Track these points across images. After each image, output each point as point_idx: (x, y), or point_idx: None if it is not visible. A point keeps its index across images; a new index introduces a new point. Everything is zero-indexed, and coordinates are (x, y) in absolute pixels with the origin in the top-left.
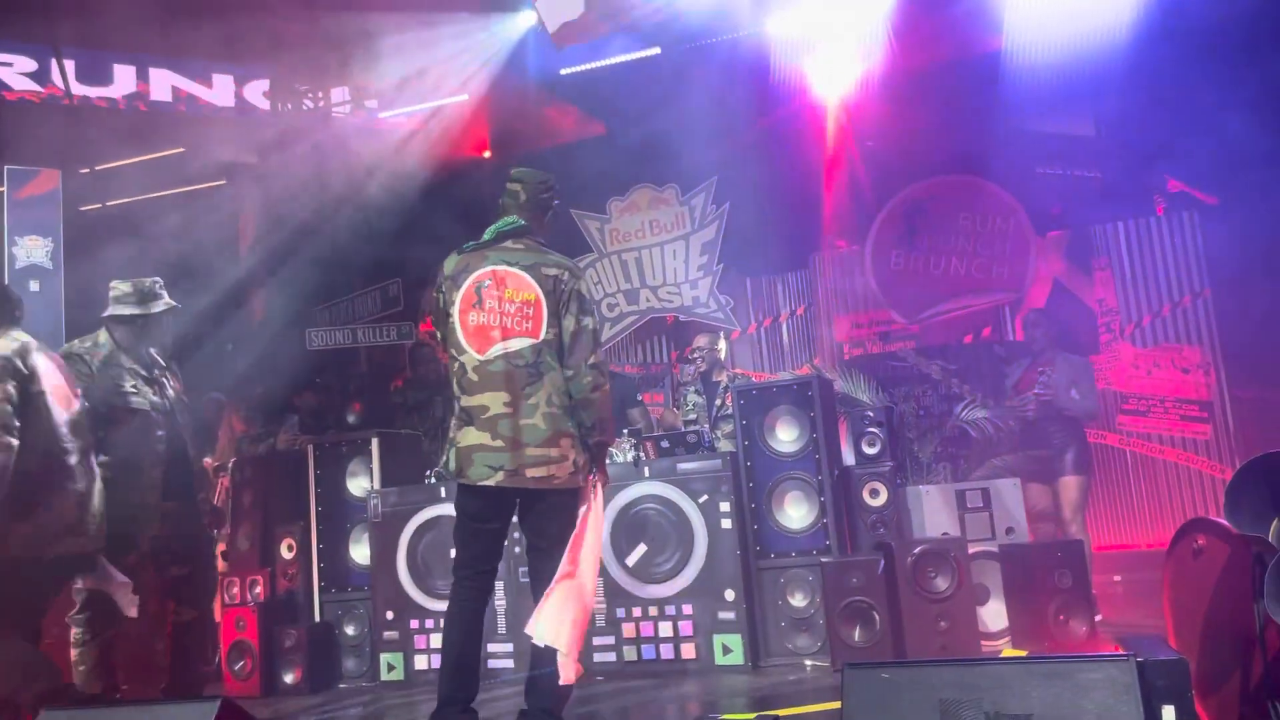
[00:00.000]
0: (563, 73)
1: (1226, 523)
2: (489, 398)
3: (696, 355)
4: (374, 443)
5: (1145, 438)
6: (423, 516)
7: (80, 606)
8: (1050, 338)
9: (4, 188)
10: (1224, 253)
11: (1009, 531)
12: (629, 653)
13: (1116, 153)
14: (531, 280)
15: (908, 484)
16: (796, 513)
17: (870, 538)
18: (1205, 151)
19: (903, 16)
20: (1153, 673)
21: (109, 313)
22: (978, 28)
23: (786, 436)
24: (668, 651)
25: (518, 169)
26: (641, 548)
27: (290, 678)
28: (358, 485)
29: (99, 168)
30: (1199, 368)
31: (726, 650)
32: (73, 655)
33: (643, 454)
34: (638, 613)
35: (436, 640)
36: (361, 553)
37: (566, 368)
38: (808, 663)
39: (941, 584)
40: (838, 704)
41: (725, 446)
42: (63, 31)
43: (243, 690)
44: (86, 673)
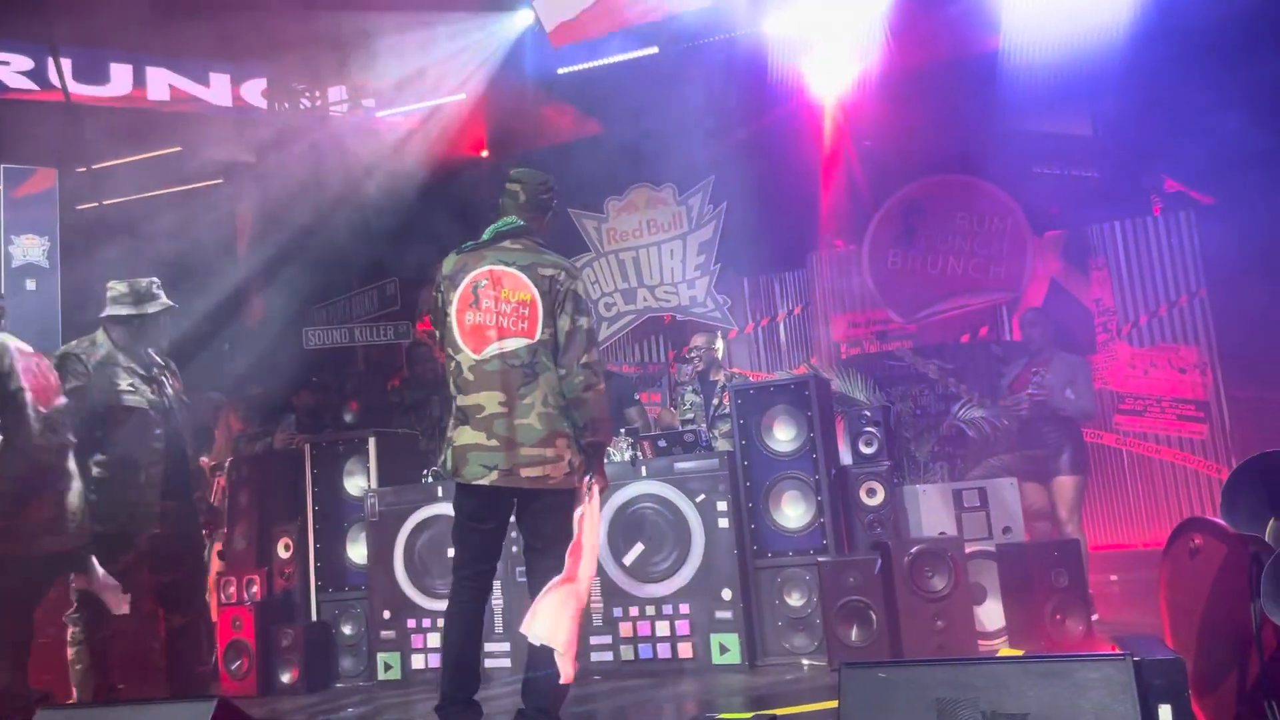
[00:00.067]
0: (560, 72)
1: (1223, 522)
2: (484, 397)
3: (694, 355)
4: (371, 442)
5: (1142, 437)
6: (420, 516)
7: (76, 606)
8: (1048, 337)
9: (0, 186)
10: (1221, 253)
11: (1006, 531)
12: (626, 652)
13: (1114, 153)
14: (528, 280)
15: (905, 483)
16: (794, 512)
17: (867, 537)
18: (1202, 151)
19: (900, 16)
20: (1149, 672)
21: (106, 313)
22: (975, 27)
23: (784, 436)
24: (665, 651)
25: (517, 169)
26: (639, 547)
27: (287, 677)
28: (355, 484)
29: (96, 167)
30: (1195, 367)
31: (723, 649)
32: (69, 654)
33: (640, 453)
34: (635, 612)
35: (434, 640)
36: (358, 552)
37: (559, 367)
38: (805, 662)
39: (938, 583)
40: (835, 703)
41: (722, 446)
42: (60, 30)
43: (239, 690)
44: (83, 671)
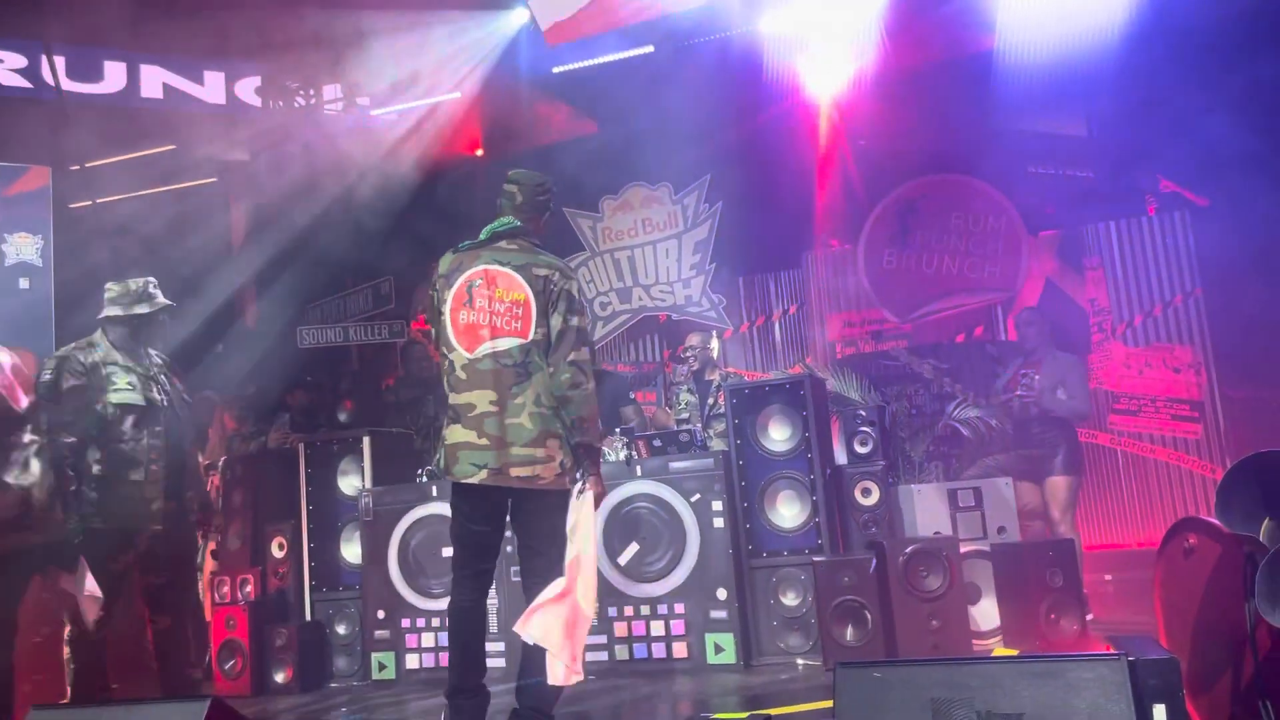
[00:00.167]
0: (555, 71)
1: (1218, 522)
2: (476, 396)
3: (689, 354)
4: (365, 441)
5: (1136, 437)
6: (414, 515)
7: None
8: (1042, 337)
9: None
10: (1215, 253)
11: (1001, 531)
12: (621, 651)
13: (1109, 153)
14: (522, 280)
15: (900, 483)
16: (789, 512)
17: (862, 537)
18: (1197, 152)
19: (895, 16)
20: (1144, 672)
21: (104, 314)
22: (970, 27)
23: (779, 435)
24: (660, 650)
25: (515, 171)
26: (634, 546)
27: (281, 677)
28: (349, 484)
29: (89, 165)
30: (1190, 367)
31: (718, 649)
32: (65, 653)
33: (635, 453)
34: (630, 611)
35: (428, 639)
36: (353, 551)
37: (548, 365)
38: (799, 662)
39: (933, 583)
40: (829, 703)
41: (717, 445)
42: (53, 28)
43: (233, 689)
44: (78, 671)
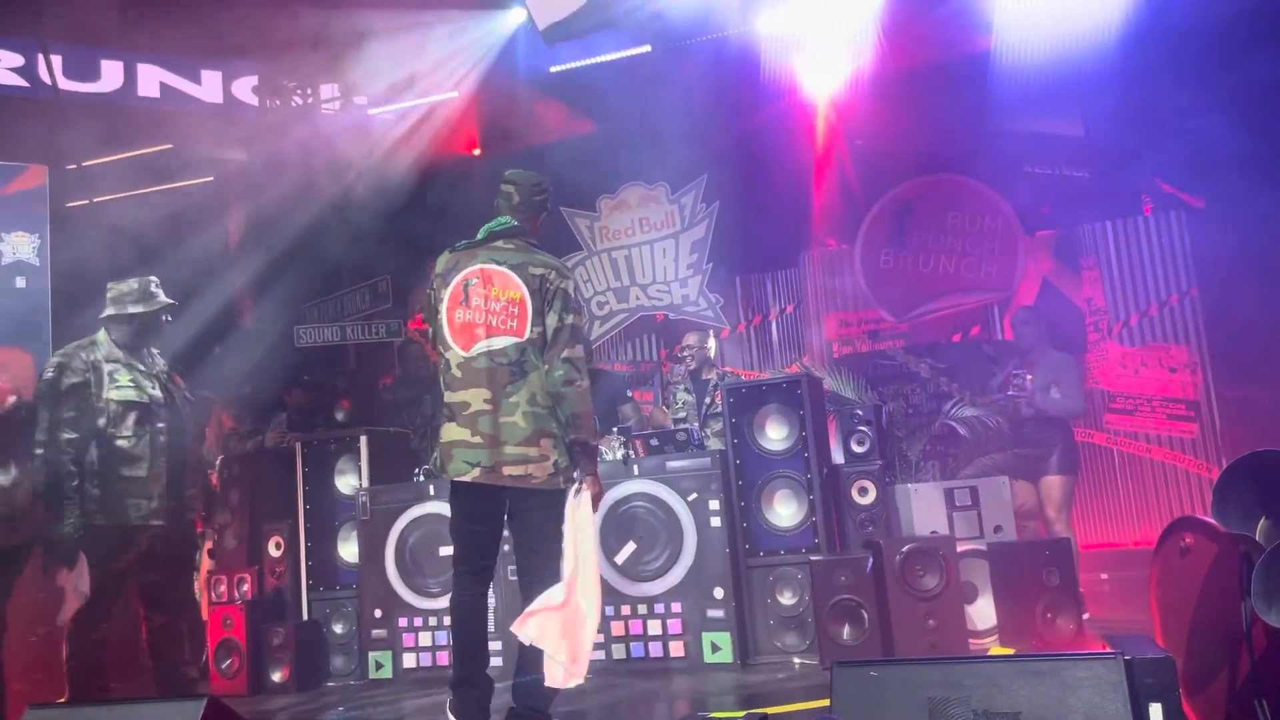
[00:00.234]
0: (552, 70)
1: (1214, 521)
2: (471, 394)
3: (686, 353)
4: (362, 440)
5: (1132, 436)
6: (411, 514)
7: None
8: (1038, 336)
9: None
10: (1211, 252)
11: (997, 530)
12: (618, 650)
13: (1105, 152)
14: (518, 279)
15: (896, 482)
16: (785, 511)
17: (859, 536)
18: (1193, 151)
19: (892, 16)
20: (1140, 671)
21: (106, 313)
22: (967, 28)
23: (776, 435)
24: (656, 649)
25: (511, 171)
26: (631, 545)
27: (278, 676)
28: (346, 483)
29: (86, 164)
30: (1186, 367)
31: (715, 648)
32: (64, 652)
33: (632, 452)
34: (627, 610)
35: (425, 639)
36: (350, 551)
37: (544, 362)
38: (796, 661)
39: (930, 582)
40: (826, 702)
41: (714, 445)
42: (50, 27)
43: (230, 688)
44: (77, 669)
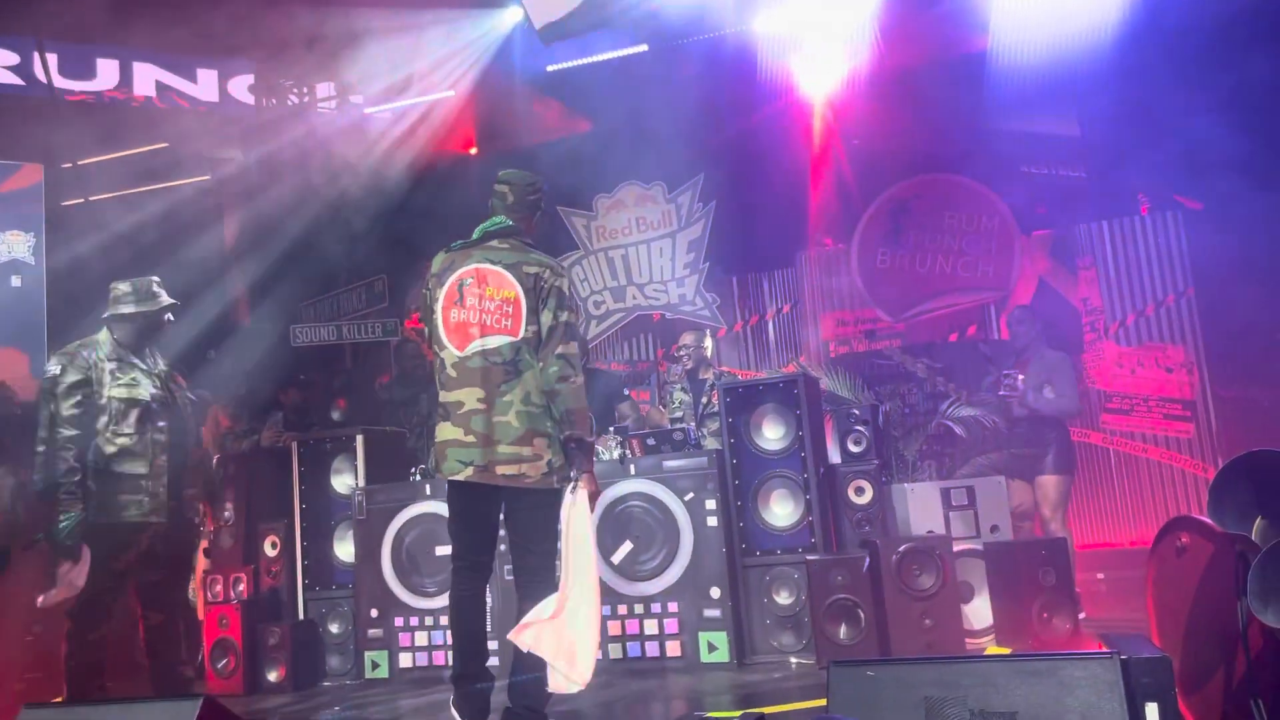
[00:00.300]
0: (549, 69)
1: (1210, 521)
2: (465, 394)
3: (683, 353)
4: (359, 440)
5: (1128, 436)
6: (407, 514)
7: (76, 603)
8: (1034, 335)
9: None
10: (1208, 252)
11: (994, 529)
12: (614, 650)
13: (1101, 152)
14: (512, 279)
15: (893, 482)
16: (782, 510)
17: (855, 536)
18: (1189, 151)
19: (889, 16)
20: (1136, 670)
21: (109, 313)
22: (964, 27)
23: (772, 434)
24: (653, 649)
25: (505, 171)
26: (627, 545)
27: (274, 676)
28: (342, 482)
29: (82, 162)
30: (1182, 367)
31: (712, 648)
32: (63, 651)
33: (629, 451)
34: (623, 610)
35: (421, 638)
36: (346, 550)
37: (538, 360)
38: (793, 660)
39: (926, 582)
40: (823, 701)
41: (711, 444)
42: (46, 25)
43: (226, 688)
44: (77, 669)
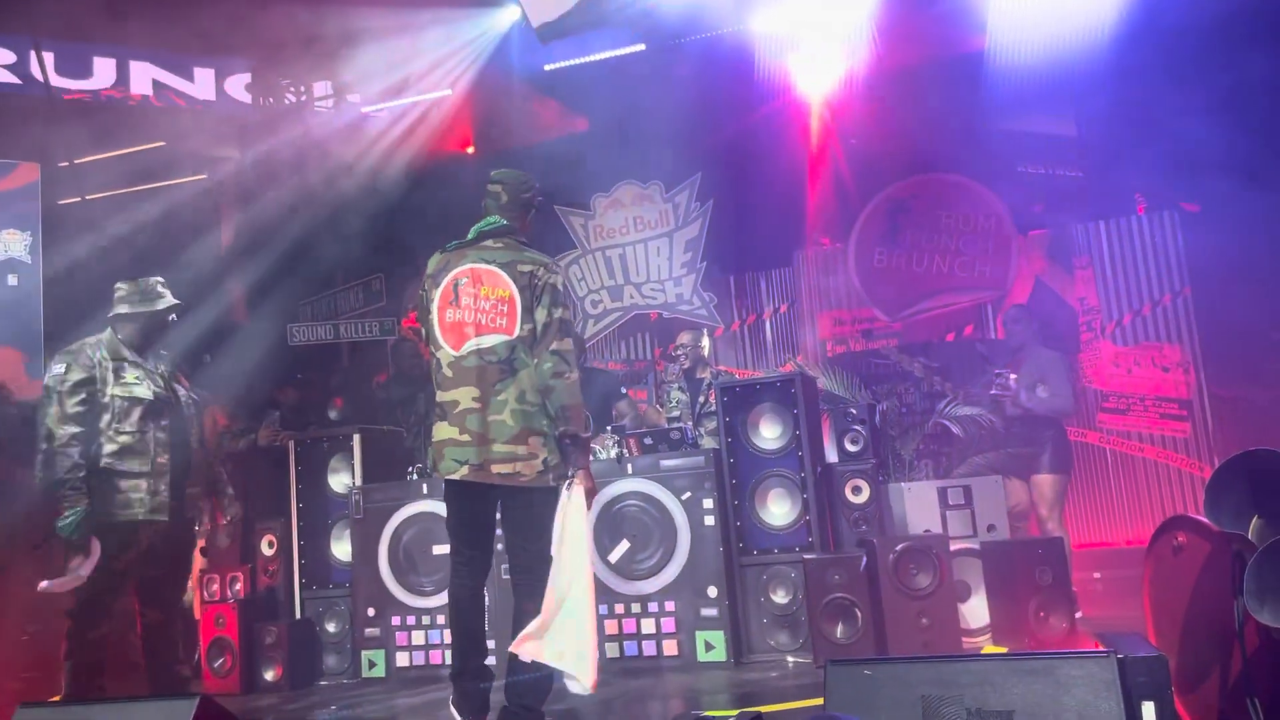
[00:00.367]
0: (547, 68)
1: (1206, 520)
2: (460, 393)
3: (680, 352)
4: (356, 439)
5: (1125, 435)
6: (405, 513)
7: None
8: (1029, 333)
9: None
10: (1204, 252)
11: (990, 529)
12: (611, 649)
13: (1098, 152)
14: (507, 277)
15: (890, 481)
16: (779, 510)
17: (852, 535)
18: (1186, 151)
19: (887, 15)
20: (1133, 669)
21: (114, 312)
22: (961, 27)
23: (769, 434)
24: (650, 648)
25: (498, 170)
26: (624, 544)
27: (271, 675)
28: (339, 481)
29: (78, 161)
30: (1179, 366)
31: (709, 647)
32: (62, 650)
33: (626, 450)
34: (620, 609)
35: (418, 637)
36: (343, 549)
37: (533, 356)
38: (790, 659)
39: (923, 581)
40: (820, 700)
41: (708, 443)
42: (42, 23)
43: (222, 687)
44: (76, 668)
